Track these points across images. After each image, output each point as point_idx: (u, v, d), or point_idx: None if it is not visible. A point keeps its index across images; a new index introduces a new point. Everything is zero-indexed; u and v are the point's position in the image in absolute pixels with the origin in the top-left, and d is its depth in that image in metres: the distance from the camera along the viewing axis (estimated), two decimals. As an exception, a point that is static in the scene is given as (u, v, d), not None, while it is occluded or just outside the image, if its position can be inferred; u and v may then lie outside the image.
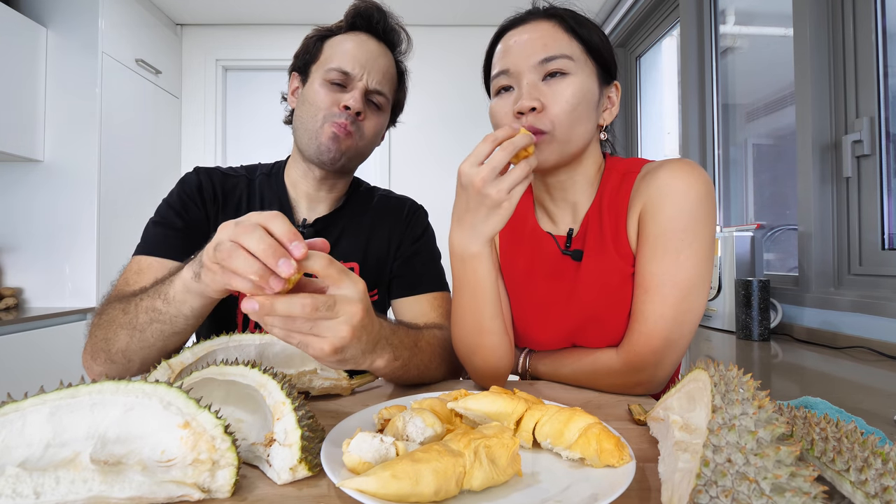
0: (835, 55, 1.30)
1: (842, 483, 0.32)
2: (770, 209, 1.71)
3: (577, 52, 0.67)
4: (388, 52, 0.87)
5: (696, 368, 0.44)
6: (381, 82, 0.84)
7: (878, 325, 1.09)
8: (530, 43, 0.67)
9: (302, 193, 0.88)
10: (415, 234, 0.93)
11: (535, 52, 0.66)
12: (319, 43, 0.85)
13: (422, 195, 1.18)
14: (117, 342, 0.61)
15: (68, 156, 2.11)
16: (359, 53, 0.82)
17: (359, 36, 0.84)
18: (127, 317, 0.61)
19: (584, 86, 0.67)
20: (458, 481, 0.36)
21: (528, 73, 0.67)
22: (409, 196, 1.00)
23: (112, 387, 0.38)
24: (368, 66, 0.82)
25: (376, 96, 0.84)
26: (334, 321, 0.46)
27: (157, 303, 0.57)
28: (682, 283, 0.63)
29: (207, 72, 2.81)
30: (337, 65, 0.81)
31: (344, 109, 0.80)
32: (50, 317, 1.88)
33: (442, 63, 2.83)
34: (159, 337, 0.59)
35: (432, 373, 0.71)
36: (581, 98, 0.66)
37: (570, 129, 0.66)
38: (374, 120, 0.85)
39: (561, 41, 0.67)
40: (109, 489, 0.34)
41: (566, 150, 0.68)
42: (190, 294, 0.54)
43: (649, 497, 0.39)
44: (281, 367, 0.61)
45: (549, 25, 0.68)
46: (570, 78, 0.66)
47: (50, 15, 2.11)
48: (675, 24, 2.23)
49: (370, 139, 0.86)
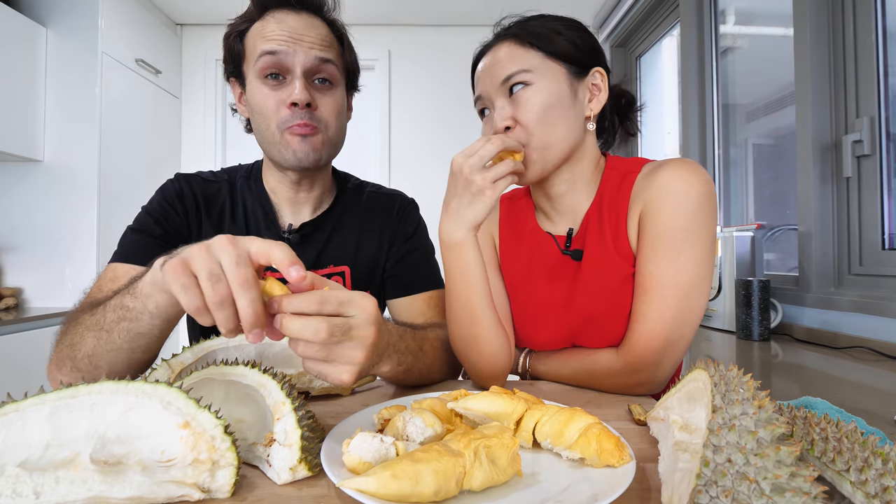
0: (835, 55, 1.30)
1: (842, 483, 0.32)
2: (770, 209, 1.71)
3: (536, 62, 0.68)
4: (315, 19, 0.77)
5: (696, 368, 0.44)
6: (320, 52, 0.74)
7: (878, 325, 1.09)
8: (493, 66, 0.70)
9: (283, 199, 0.84)
10: (407, 231, 0.91)
11: (496, 75, 0.69)
12: (239, 39, 0.77)
13: (422, 194, 1.19)
14: (83, 346, 0.57)
15: (68, 156, 2.11)
16: (281, 32, 0.73)
17: (275, 15, 0.74)
18: (94, 318, 0.57)
19: (549, 89, 0.68)
20: (458, 481, 0.36)
21: (495, 95, 0.70)
22: (400, 190, 0.97)
23: (112, 387, 0.38)
24: (298, 42, 0.73)
25: (322, 69, 0.75)
26: (349, 346, 0.46)
27: (126, 299, 0.54)
28: (683, 283, 0.63)
29: (207, 72, 2.81)
30: (262, 49, 0.72)
31: (292, 107, 0.73)
32: (50, 317, 1.88)
33: (441, 63, 2.83)
34: (125, 337, 0.55)
35: (434, 374, 0.71)
36: (549, 102, 0.67)
37: (546, 134, 0.68)
38: (330, 100, 0.77)
39: (517, 57, 0.69)
40: (109, 489, 0.34)
41: (549, 156, 0.69)
42: (155, 287, 0.51)
43: (649, 497, 0.39)
44: (281, 367, 0.61)
45: (506, 46, 0.70)
46: (532, 87, 0.68)
47: (50, 15, 2.11)
48: (675, 24, 2.23)
49: (335, 124, 0.79)
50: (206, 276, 0.41)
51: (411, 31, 2.82)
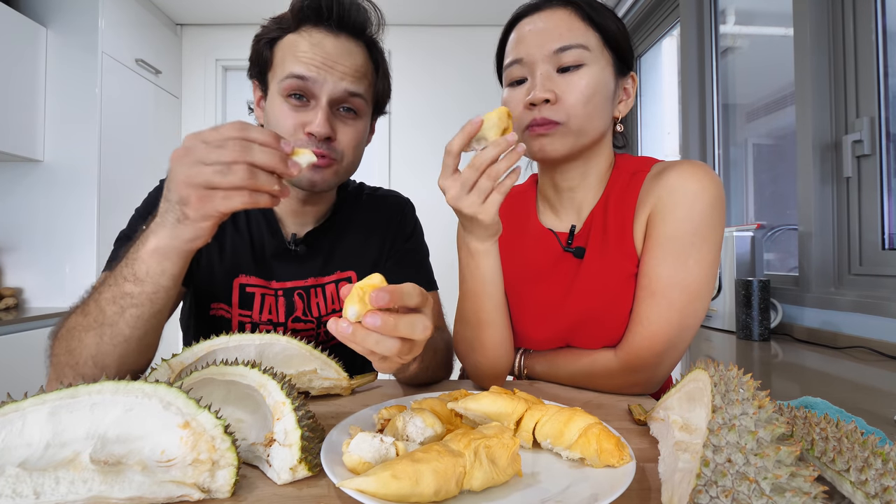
0: (835, 55, 1.30)
1: (842, 483, 0.32)
2: (770, 209, 1.71)
3: (594, 42, 0.66)
4: (354, 44, 0.71)
5: (696, 368, 0.44)
6: (350, 84, 0.70)
7: (879, 325, 1.09)
8: (545, 31, 0.65)
9: (287, 211, 0.81)
10: (405, 232, 0.91)
11: (549, 41, 0.65)
12: (269, 47, 0.72)
13: (422, 194, 1.19)
14: (84, 349, 0.54)
15: (68, 156, 2.11)
16: (314, 56, 0.68)
17: (311, 34, 0.69)
18: (88, 318, 0.54)
19: (600, 77, 0.66)
20: (458, 481, 0.36)
21: (542, 62, 0.65)
22: (396, 191, 0.97)
23: (112, 387, 0.38)
24: (330, 69, 0.68)
25: (349, 101, 0.71)
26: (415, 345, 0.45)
27: (126, 287, 0.52)
28: (690, 287, 0.63)
29: (207, 72, 2.81)
30: (290, 71, 0.68)
31: (310, 136, 0.68)
32: (50, 317, 1.88)
33: (441, 63, 2.83)
34: (134, 324, 0.53)
35: (438, 375, 0.72)
36: (596, 90, 0.65)
37: (585, 121, 0.66)
38: (352, 130, 0.72)
39: (577, 30, 0.65)
40: (109, 489, 0.34)
41: (579, 142, 0.67)
42: (168, 259, 0.51)
43: (649, 497, 0.39)
44: (281, 367, 0.61)
45: (565, 13, 0.66)
46: (585, 69, 0.65)
47: (50, 15, 2.11)
48: (675, 24, 2.23)
49: (352, 154, 0.75)
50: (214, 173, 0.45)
51: (411, 31, 2.82)
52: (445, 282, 0.99)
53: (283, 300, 0.79)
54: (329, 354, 0.63)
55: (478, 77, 2.76)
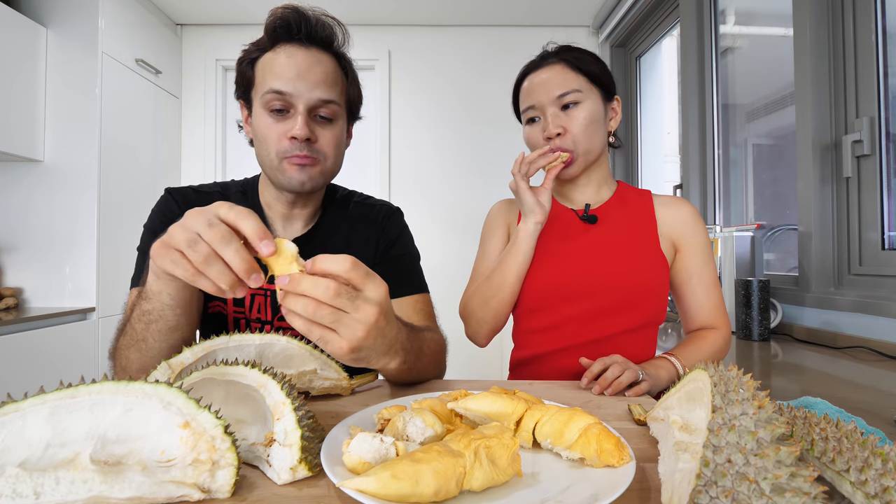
0: (835, 55, 1.30)
1: (842, 483, 0.32)
2: (770, 209, 1.72)
3: (584, 84, 0.89)
4: (323, 55, 0.80)
5: (696, 368, 0.44)
6: (323, 92, 0.78)
7: (878, 325, 1.09)
8: (548, 82, 0.90)
9: (277, 214, 0.86)
10: (390, 238, 0.93)
11: (552, 90, 0.89)
12: (250, 67, 0.81)
13: (422, 193, 1.19)
14: (131, 364, 0.62)
15: (68, 156, 2.11)
16: (289, 69, 0.76)
17: (285, 49, 0.78)
18: (128, 336, 0.61)
19: (593, 108, 0.89)
20: (459, 482, 0.36)
21: (549, 105, 0.89)
22: (386, 200, 1.00)
23: (112, 387, 0.38)
24: (304, 80, 0.76)
25: (323, 108, 0.78)
26: (352, 319, 0.46)
27: (144, 305, 0.58)
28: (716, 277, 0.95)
29: (207, 72, 2.81)
30: (269, 87, 0.76)
31: (293, 140, 0.76)
32: (50, 317, 1.88)
33: (441, 63, 2.83)
34: (159, 338, 0.59)
35: (429, 375, 0.74)
36: (592, 118, 0.89)
37: (588, 142, 0.90)
38: (329, 134, 0.80)
39: (570, 79, 0.89)
40: (109, 489, 0.34)
41: (588, 159, 0.92)
42: (160, 281, 0.55)
43: (649, 497, 0.39)
44: (281, 367, 0.61)
45: (560, 67, 0.90)
46: (581, 105, 0.89)
47: (50, 15, 2.11)
48: (675, 24, 2.23)
49: (333, 154, 0.82)
50: (186, 244, 0.46)
51: (411, 31, 2.82)
52: (445, 282, 0.98)
53: (270, 300, 0.82)
54: (329, 354, 0.62)
55: (476, 78, 2.76)
